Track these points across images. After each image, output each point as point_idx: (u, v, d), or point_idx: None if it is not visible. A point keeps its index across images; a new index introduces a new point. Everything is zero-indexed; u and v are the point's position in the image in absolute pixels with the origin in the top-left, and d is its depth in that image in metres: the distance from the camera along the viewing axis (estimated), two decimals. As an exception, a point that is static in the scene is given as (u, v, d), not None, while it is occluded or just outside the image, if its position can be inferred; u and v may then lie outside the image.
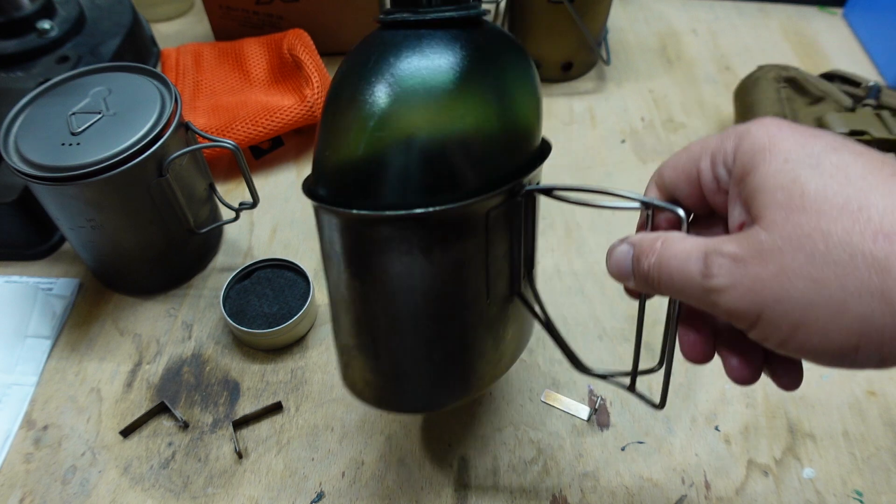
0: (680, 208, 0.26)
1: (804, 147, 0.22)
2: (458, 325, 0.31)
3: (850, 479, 0.40)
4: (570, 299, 0.50)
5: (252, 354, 0.47)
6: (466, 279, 0.30)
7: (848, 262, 0.19)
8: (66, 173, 0.39)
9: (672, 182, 0.27)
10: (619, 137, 0.64)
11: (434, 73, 0.26)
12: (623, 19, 0.79)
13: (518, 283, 0.33)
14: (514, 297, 0.33)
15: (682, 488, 0.40)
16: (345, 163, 0.28)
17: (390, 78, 0.26)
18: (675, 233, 0.25)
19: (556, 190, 0.29)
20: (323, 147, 0.29)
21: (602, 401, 0.44)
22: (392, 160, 0.27)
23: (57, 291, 0.50)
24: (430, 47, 0.27)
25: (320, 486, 0.40)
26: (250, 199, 0.49)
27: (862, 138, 0.50)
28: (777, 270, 0.20)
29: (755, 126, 0.23)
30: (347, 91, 0.28)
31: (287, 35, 0.64)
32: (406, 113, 0.27)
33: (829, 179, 0.20)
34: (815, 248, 0.20)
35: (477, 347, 0.32)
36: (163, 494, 0.40)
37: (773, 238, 0.21)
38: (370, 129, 0.27)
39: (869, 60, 0.72)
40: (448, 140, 0.27)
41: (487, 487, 0.40)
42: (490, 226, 0.29)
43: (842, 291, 0.19)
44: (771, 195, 0.21)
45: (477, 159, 0.28)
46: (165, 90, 0.44)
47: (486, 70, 0.28)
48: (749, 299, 0.21)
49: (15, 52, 0.56)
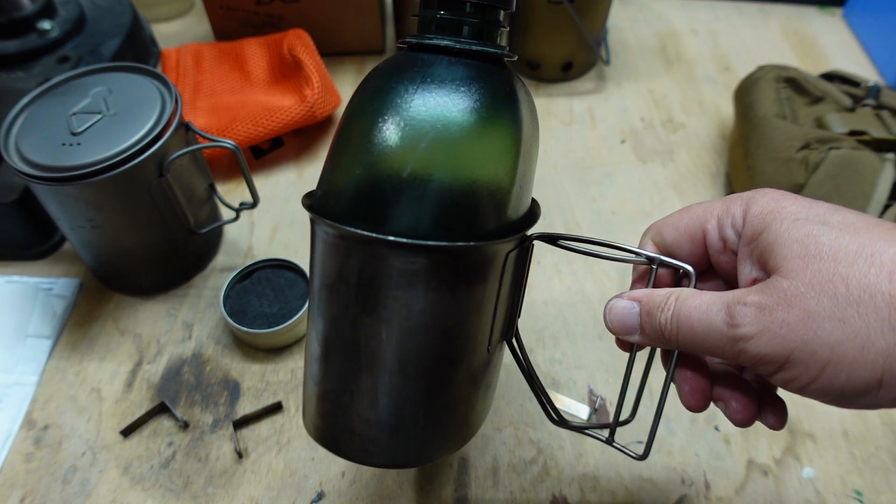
0: (688, 265, 0.27)
1: (810, 209, 0.24)
2: (462, 371, 0.29)
3: (849, 478, 0.40)
4: (570, 299, 0.50)
5: (252, 354, 0.47)
6: (481, 321, 0.29)
7: (868, 301, 0.21)
8: (67, 173, 0.39)
9: (674, 241, 0.28)
10: (618, 137, 0.64)
11: (479, 120, 0.26)
12: (623, 19, 0.79)
13: (512, 329, 0.33)
14: (503, 344, 0.33)
15: (682, 488, 0.40)
16: (369, 183, 0.26)
17: (433, 110, 0.26)
18: (686, 288, 0.26)
19: (561, 239, 0.30)
20: (343, 164, 0.27)
21: (602, 401, 0.44)
22: (428, 187, 0.26)
23: (57, 291, 0.50)
24: (472, 87, 0.26)
25: (320, 486, 0.40)
26: (250, 199, 0.49)
27: (862, 138, 0.50)
28: (803, 314, 0.22)
29: (760, 193, 0.26)
30: (388, 111, 0.26)
31: (287, 35, 0.64)
32: (448, 148, 0.26)
33: (840, 232, 0.22)
34: (837, 290, 0.22)
35: (472, 396, 0.31)
36: (163, 494, 0.40)
37: (795, 285, 0.22)
38: (417, 152, 0.25)
39: (869, 60, 0.72)
40: (479, 182, 0.26)
41: (487, 487, 0.40)
42: (505, 268, 0.29)
43: (866, 328, 0.21)
44: (788, 248, 0.23)
45: (497, 205, 0.27)
46: (166, 90, 0.44)
47: (516, 123, 0.28)
48: (777, 343, 0.23)
49: (15, 52, 0.56)
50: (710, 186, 0.59)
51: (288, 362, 0.46)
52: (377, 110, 0.26)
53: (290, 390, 0.45)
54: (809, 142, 0.48)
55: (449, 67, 0.26)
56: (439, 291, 0.27)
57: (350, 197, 0.27)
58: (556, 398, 0.44)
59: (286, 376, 0.45)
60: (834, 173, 0.46)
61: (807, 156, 0.48)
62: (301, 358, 0.46)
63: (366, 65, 0.72)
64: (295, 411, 0.44)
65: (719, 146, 0.63)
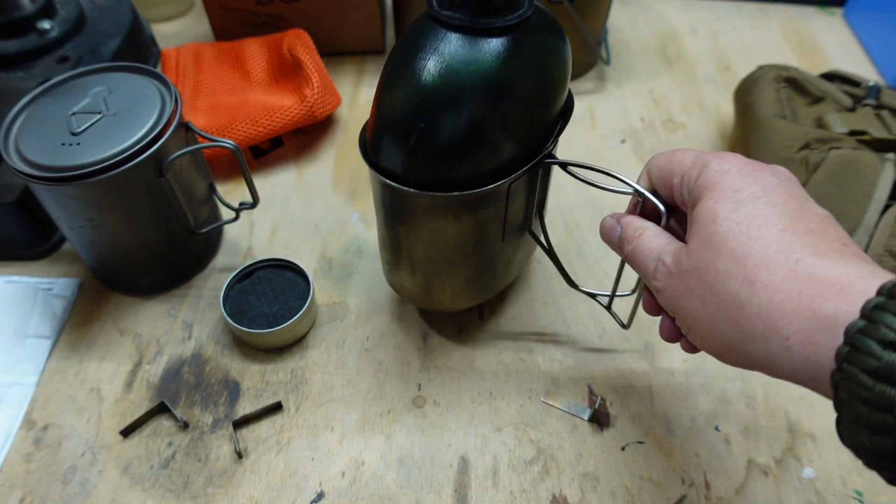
0: (662, 205, 0.32)
1: (738, 192, 0.27)
2: (477, 260, 0.40)
3: (849, 478, 0.40)
4: (570, 299, 0.50)
5: (252, 354, 0.47)
6: (486, 231, 0.38)
7: (723, 295, 0.26)
8: (66, 173, 0.39)
9: (656, 181, 0.32)
10: (619, 137, 0.64)
11: (482, 69, 0.32)
12: (623, 19, 0.79)
13: (529, 223, 0.42)
14: (524, 232, 0.42)
15: (682, 488, 0.40)
16: (399, 120, 0.33)
17: (450, 66, 0.32)
18: (651, 228, 0.32)
19: (570, 165, 0.37)
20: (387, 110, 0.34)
21: (602, 401, 0.44)
22: (443, 124, 0.32)
23: (57, 291, 0.50)
24: (479, 50, 0.32)
25: (320, 486, 0.40)
26: (250, 199, 0.49)
27: (862, 138, 0.50)
28: (684, 288, 0.28)
29: (715, 161, 0.29)
30: (412, 68, 0.32)
31: (287, 35, 0.64)
32: (460, 90, 0.32)
33: (736, 226, 0.26)
34: (706, 279, 0.27)
35: (490, 272, 0.42)
36: (163, 494, 0.40)
37: (688, 262, 0.28)
38: (424, 99, 0.32)
39: (869, 60, 0.72)
40: (489, 116, 0.32)
41: (487, 487, 0.40)
42: (510, 193, 0.36)
43: (714, 315, 0.26)
44: (697, 228, 0.28)
45: (511, 132, 0.34)
46: (165, 90, 0.44)
47: (525, 63, 0.33)
48: (671, 302, 0.29)
49: (15, 52, 0.56)
50: (711, 186, 0.58)
51: (288, 362, 0.46)
52: (405, 70, 0.33)
53: (290, 390, 0.45)
54: (810, 142, 0.48)
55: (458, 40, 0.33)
56: (446, 218, 0.36)
57: (385, 137, 0.35)
58: (555, 398, 0.44)
59: (286, 376, 0.45)
60: (834, 173, 0.46)
61: (807, 156, 0.48)
62: (301, 358, 0.46)
63: (366, 65, 0.72)
64: (295, 411, 0.44)
65: (719, 146, 0.63)
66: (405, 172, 0.34)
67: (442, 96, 0.32)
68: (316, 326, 0.48)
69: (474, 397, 0.44)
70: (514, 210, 0.38)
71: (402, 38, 0.34)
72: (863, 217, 0.45)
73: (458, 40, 0.31)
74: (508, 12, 0.32)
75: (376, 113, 0.34)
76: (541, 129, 0.36)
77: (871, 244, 0.45)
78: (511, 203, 0.37)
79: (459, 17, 0.31)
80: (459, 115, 0.32)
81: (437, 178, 0.34)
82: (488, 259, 0.41)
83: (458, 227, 0.37)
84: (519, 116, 0.34)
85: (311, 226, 0.55)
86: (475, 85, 0.31)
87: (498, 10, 0.32)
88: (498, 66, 0.32)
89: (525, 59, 0.33)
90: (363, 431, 0.43)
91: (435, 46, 0.31)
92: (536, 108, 0.35)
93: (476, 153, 0.33)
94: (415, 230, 0.38)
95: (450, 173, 0.34)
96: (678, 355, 0.46)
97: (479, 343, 0.47)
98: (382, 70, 0.34)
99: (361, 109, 0.67)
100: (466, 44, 0.31)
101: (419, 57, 0.32)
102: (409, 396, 0.44)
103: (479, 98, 0.32)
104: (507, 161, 0.35)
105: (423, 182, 0.34)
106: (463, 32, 0.31)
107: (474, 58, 0.31)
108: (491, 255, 0.40)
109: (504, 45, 0.32)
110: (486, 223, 0.37)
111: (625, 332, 0.47)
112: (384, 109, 0.34)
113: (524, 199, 0.39)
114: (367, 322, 0.48)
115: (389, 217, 0.38)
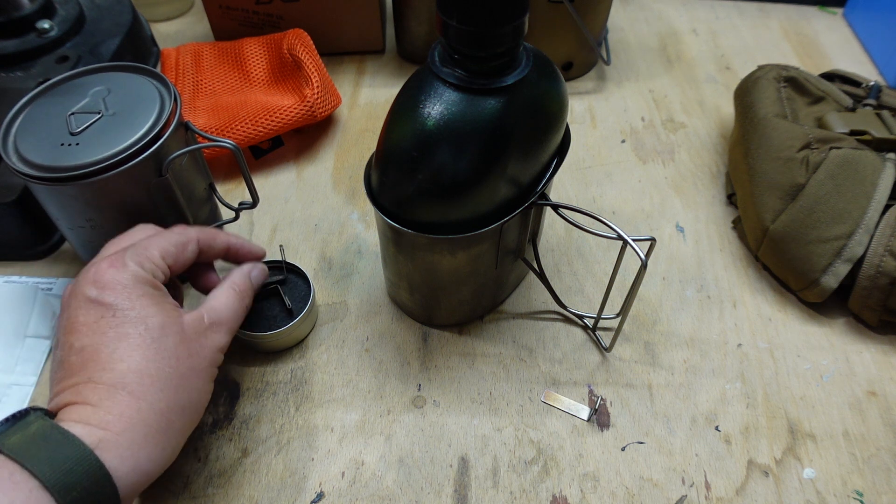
0: (643, 255, 0.36)
1: None
2: (472, 285, 0.43)
3: (850, 479, 0.40)
4: (570, 299, 0.50)
5: (252, 355, 0.46)
6: (480, 262, 0.41)
7: None
8: (66, 173, 0.39)
9: None
10: (619, 137, 0.64)
11: (479, 125, 0.33)
12: (623, 19, 0.79)
13: (523, 252, 0.45)
14: (518, 259, 0.45)
15: (682, 488, 0.40)
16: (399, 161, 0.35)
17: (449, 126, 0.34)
18: None
19: (560, 207, 0.39)
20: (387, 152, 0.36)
21: (602, 401, 0.44)
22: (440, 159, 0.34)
23: (56, 291, 0.50)
24: (474, 106, 0.33)
25: (320, 486, 0.40)
26: (250, 199, 0.49)
27: (863, 138, 0.50)
28: None
29: None
30: (417, 120, 0.34)
31: (287, 35, 0.64)
32: (457, 144, 0.34)
33: None
34: None
35: (485, 293, 0.46)
36: (162, 494, 0.40)
37: None
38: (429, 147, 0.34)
39: (869, 60, 0.72)
40: (485, 166, 0.34)
41: (487, 487, 0.40)
42: (503, 230, 0.39)
43: None
44: None
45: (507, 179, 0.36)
46: (165, 90, 0.44)
47: (522, 116, 0.34)
48: None
49: (14, 51, 0.56)
50: (711, 186, 0.58)
51: (288, 363, 0.46)
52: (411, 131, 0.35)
53: (290, 390, 0.45)
54: (810, 141, 0.48)
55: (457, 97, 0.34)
56: (442, 254, 0.39)
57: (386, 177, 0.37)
58: (555, 398, 0.44)
59: (286, 376, 0.45)
60: (834, 173, 0.46)
61: (807, 155, 0.48)
62: (301, 358, 0.46)
63: (366, 65, 0.72)
64: (295, 411, 0.44)
65: (720, 146, 0.62)
66: (404, 213, 0.37)
67: (439, 149, 0.33)
68: (317, 327, 0.48)
69: (474, 397, 0.44)
70: (507, 243, 0.41)
71: (404, 89, 0.35)
72: (863, 217, 0.45)
73: (457, 97, 0.33)
74: (509, 70, 0.33)
75: (379, 157, 0.36)
76: (536, 171, 0.38)
77: (871, 244, 0.44)
78: (504, 238, 0.40)
79: (458, 76, 0.32)
80: (456, 166, 0.34)
81: (433, 220, 0.36)
82: (483, 283, 0.44)
83: (454, 260, 0.40)
84: (515, 163, 0.35)
85: (310, 226, 0.55)
86: (472, 139, 0.33)
87: (496, 72, 0.33)
88: (494, 122, 0.33)
89: (522, 112, 0.34)
90: (363, 432, 0.43)
91: (434, 102, 0.33)
92: (532, 154, 0.36)
93: (472, 199, 0.35)
94: (413, 260, 0.41)
95: (446, 216, 0.36)
96: (678, 355, 0.46)
97: (479, 343, 0.47)
98: (386, 116, 0.36)
99: (361, 109, 0.67)
100: (464, 101, 0.33)
101: (418, 112, 0.33)
102: (409, 397, 0.44)
103: (475, 151, 0.33)
104: (502, 202, 0.37)
105: (420, 224, 0.36)
106: (461, 92, 0.33)
107: (471, 115, 0.33)
108: (486, 280, 0.43)
109: (501, 103, 0.33)
110: (480, 256, 0.40)
111: (624, 333, 0.47)
112: (386, 155, 0.36)
113: (517, 233, 0.42)
114: (367, 322, 0.48)
115: (391, 245, 0.41)
